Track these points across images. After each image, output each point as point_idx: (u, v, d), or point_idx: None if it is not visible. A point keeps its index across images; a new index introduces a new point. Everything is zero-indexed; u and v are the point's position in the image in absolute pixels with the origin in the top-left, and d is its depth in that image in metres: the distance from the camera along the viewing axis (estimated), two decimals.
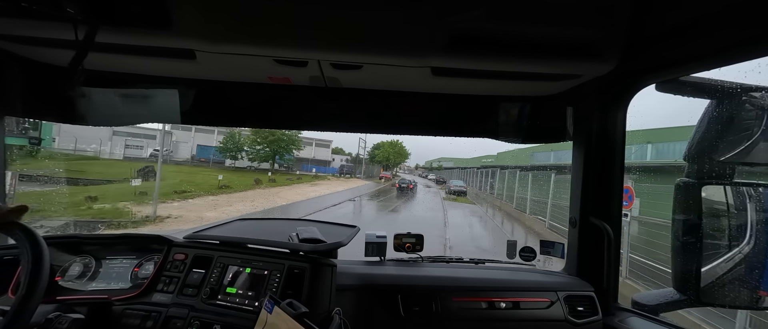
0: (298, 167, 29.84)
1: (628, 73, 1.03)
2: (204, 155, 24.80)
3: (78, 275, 1.07)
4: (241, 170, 22.34)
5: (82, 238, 1.17)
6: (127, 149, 21.42)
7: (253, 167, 23.50)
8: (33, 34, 0.89)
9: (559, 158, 16.17)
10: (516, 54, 0.93)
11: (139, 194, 9.41)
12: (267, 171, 23.11)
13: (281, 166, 26.37)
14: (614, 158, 1.18)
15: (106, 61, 1.08)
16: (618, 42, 0.90)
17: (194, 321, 0.97)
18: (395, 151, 40.07)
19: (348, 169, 32.80)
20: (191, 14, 0.80)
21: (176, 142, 25.49)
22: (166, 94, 1.32)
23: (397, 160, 41.79)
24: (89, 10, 0.74)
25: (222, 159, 24.11)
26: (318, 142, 34.42)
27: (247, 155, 23.29)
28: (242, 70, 1.15)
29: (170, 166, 19.76)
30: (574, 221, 1.28)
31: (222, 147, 22.95)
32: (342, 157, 39.57)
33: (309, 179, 22.68)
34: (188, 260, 1.11)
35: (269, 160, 23.92)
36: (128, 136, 21.27)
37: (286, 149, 23.92)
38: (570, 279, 1.29)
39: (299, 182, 20.22)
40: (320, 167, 31.41)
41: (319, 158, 33.47)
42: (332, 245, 1.12)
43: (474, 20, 0.83)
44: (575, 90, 1.20)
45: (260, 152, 23.19)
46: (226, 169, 22.11)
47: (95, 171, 14.24)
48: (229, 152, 23.16)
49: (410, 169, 71.13)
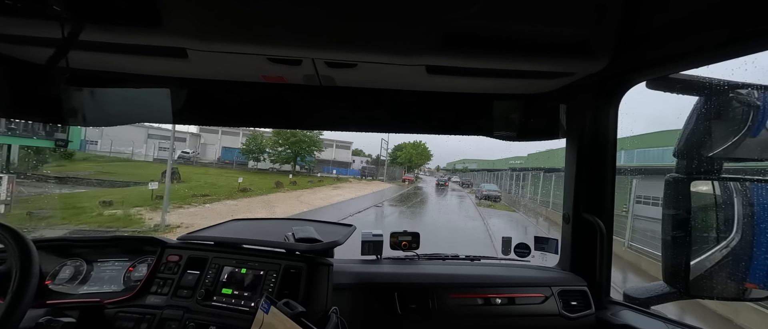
0: (319, 168, 29.92)
1: (619, 71, 1.04)
2: (228, 157, 25.04)
3: (69, 278, 1.05)
4: (263, 171, 22.22)
5: (72, 241, 1.16)
6: (159, 151, 21.97)
7: (275, 168, 23.40)
8: (17, 32, 0.88)
9: None
10: (510, 52, 0.94)
11: (157, 198, 9.04)
12: (288, 173, 22.87)
13: (302, 168, 26.13)
14: (606, 155, 1.19)
15: (95, 59, 1.06)
16: (610, 40, 0.91)
17: (189, 323, 0.96)
18: (418, 152, 38.80)
19: (369, 171, 31.95)
20: (182, 12, 0.79)
21: (204, 144, 26.05)
22: (157, 93, 1.31)
23: (420, 161, 40.48)
24: (75, 8, 0.73)
25: (245, 161, 24.23)
26: (338, 143, 34.22)
27: (269, 157, 23.19)
28: (236, 69, 1.14)
29: (195, 168, 19.88)
30: (567, 217, 1.29)
31: (245, 149, 22.96)
32: (362, 158, 38.94)
33: (330, 182, 22.11)
34: (182, 261, 1.10)
35: (291, 161, 23.66)
36: (161, 139, 21.96)
37: (307, 150, 23.51)
38: (564, 274, 1.30)
39: (321, 184, 19.59)
40: (341, 169, 31.08)
41: (339, 160, 33.31)
42: (329, 245, 1.10)
43: (468, 19, 0.83)
44: (568, 88, 1.20)
45: (282, 154, 22.96)
46: (248, 171, 22.10)
47: (125, 173, 14.38)
48: (251, 154, 23.16)
49: (431, 171, 69.94)
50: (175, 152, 22.46)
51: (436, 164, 72.82)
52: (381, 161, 34.53)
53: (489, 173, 31.37)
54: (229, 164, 23.60)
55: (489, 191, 19.01)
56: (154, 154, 21.61)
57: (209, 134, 25.83)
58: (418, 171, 46.70)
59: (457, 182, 39.66)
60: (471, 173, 46.30)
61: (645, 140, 11.18)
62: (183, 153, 23.56)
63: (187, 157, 23.36)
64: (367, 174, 30.87)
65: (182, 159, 22.60)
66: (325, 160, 31.01)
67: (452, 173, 55.92)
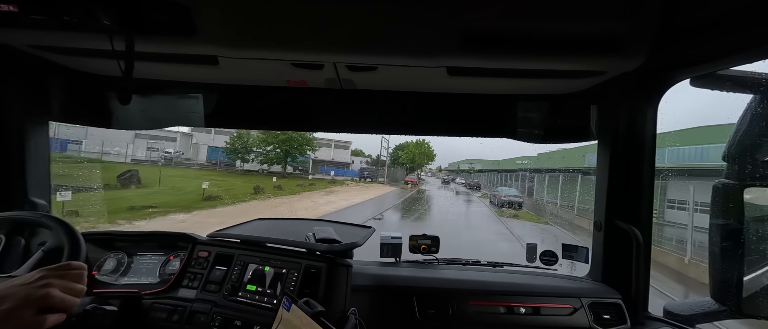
0: (316, 169, 28.77)
1: (658, 68, 0.98)
2: (214, 158, 23.10)
3: (112, 269, 1.13)
4: (251, 173, 19.87)
5: (115, 235, 1.23)
6: (147, 152, 20.68)
7: (265, 169, 21.06)
8: (73, 45, 0.96)
9: None
10: (536, 51, 0.90)
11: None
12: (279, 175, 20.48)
13: (296, 168, 23.75)
14: (644, 159, 1.11)
15: (138, 68, 1.08)
16: (647, 36, 0.85)
17: (217, 317, 1.01)
18: (421, 152, 36.36)
19: (369, 172, 29.38)
20: (214, 22, 0.83)
21: (196, 144, 24.71)
22: (190, 98, 1.36)
23: (423, 161, 38.04)
24: (122, 22, 0.78)
25: (232, 162, 21.94)
26: (337, 143, 32.91)
27: (256, 157, 20.80)
28: (262, 74, 1.18)
29: (173, 170, 17.53)
30: (598, 225, 1.23)
31: (229, 148, 20.51)
32: (362, 159, 36.63)
33: (324, 185, 19.44)
34: (211, 257, 1.14)
35: (281, 162, 21.22)
36: (150, 138, 20.81)
37: (298, 150, 21.07)
38: (595, 285, 1.23)
39: (312, 188, 16.91)
40: (339, 170, 29.57)
41: (338, 161, 32.05)
42: (348, 246, 1.11)
43: (490, 18, 0.81)
44: (599, 87, 1.15)
45: (270, 154, 20.52)
46: (234, 172, 19.86)
47: (82, 176, 11.97)
48: (237, 154, 20.77)
49: (433, 171, 67.78)
50: (155, 151, 20.40)
51: (438, 164, 70.98)
52: (382, 162, 32.33)
53: (498, 175, 28.75)
54: (215, 166, 21.75)
55: (509, 196, 15.70)
56: (142, 154, 20.19)
57: (202, 134, 24.19)
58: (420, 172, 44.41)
59: (463, 183, 36.70)
60: (477, 173, 43.92)
61: (666, 138, 9.45)
62: (165, 153, 21.33)
63: (168, 157, 21.17)
64: (366, 176, 28.41)
65: (164, 160, 20.41)
66: (322, 160, 30.12)
67: (457, 173, 53.82)
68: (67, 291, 0.61)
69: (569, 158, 18.49)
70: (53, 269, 0.63)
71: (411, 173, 37.09)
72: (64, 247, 0.78)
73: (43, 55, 1.09)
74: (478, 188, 29.19)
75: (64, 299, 0.60)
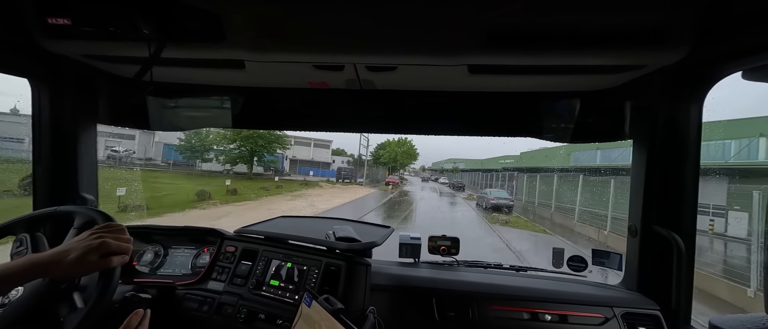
0: (294, 169, 27.77)
1: (705, 60, 0.90)
2: (170, 157, 20.45)
3: (150, 261, 1.22)
4: (215, 174, 17.39)
5: (153, 229, 1.30)
6: (105, 152, 18.09)
7: (229, 170, 18.69)
8: (116, 53, 1.02)
9: (610, 158, 13.07)
10: (564, 47, 0.84)
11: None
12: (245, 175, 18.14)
13: (267, 168, 21.41)
14: (686, 159, 1.03)
15: (170, 73, 1.20)
16: (692, 26, 0.79)
17: (242, 309, 1.06)
18: (403, 151, 34.82)
19: (346, 173, 27.35)
20: (242, 28, 0.86)
21: (159, 142, 22.53)
22: (219, 100, 1.42)
23: (406, 161, 36.51)
24: (159, 30, 0.83)
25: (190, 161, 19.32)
26: (317, 142, 32.10)
27: (216, 156, 18.32)
28: (285, 77, 1.20)
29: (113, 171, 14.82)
30: (634, 230, 1.15)
31: (183, 146, 17.84)
32: (343, 158, 34.73)
33: (295, 187, 17.32)
34: (237, 252, 1.20)
35: (246, 161, 18.82)
36: (110, 136, 19.05)
37: (265, 148, 18.75)
38: (629, 294, 1.16)
39: (278, 192, 14.56)
40: (319, 170, 28.34)
41: (318, 160, 31.17)
42: (367, 245, 1.12)
43: (517, 13, 0.77)
44: (636, 82, 1.08)
45: (233, 153, 18.09)
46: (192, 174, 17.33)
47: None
48: (194, 153, 18.15)
49: (416, 171, 66.99)
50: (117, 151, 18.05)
51: (421, 163, 70.51)
52: (362, 162, 30.60)
53: (481, 174, 27.70)
54: (170, 166, 19.27)
55: (498, 198, 13.80)
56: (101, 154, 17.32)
57: (165, 132, 20.95)
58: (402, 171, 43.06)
59: (446, 183, 35.73)
60: (460, 173, 43.24)
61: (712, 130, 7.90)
62: (112, 152, 18.41)
63: (116, 156, 18.29)
64: (343, 177, 26.34)
65: (112, 159, 17.52)
66: (302, 160, 29.28)
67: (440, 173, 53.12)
68: (119, 240, 0.70)
69: (552, 157, 17.96)
70: (98, 227, 0.72)
71: (393, 173, 35.44)
72: (96, 220, 0.80)
73: (91, 63, 1.16)
74: (462, 189, 27.98)
75: (119, 244, 0.70)
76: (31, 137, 1.17)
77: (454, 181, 32.17)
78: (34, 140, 1.17)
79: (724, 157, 8.72)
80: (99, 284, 0.70)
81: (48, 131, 1.17)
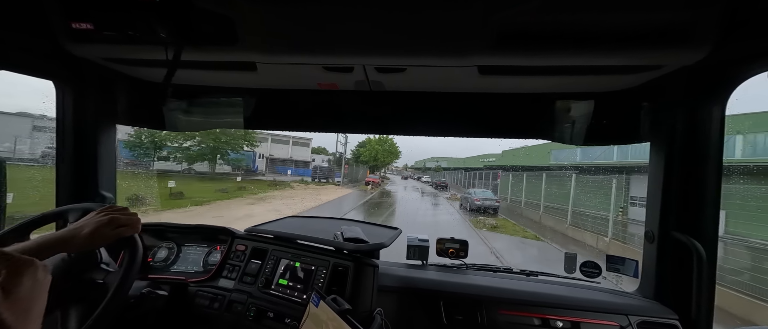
0: (272, 168, 26.31)
1: (727, 60, 0.86)
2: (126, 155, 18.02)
3: (164, 258, 1.25)
4: (174, 173, 15.28)
5: (166, 227, 1.32)
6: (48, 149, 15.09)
7: (190, 169, 16.67)
8: (135, 56, 1.05)
9: (590, 156, 12.64)
10: (579, 47, 0.80)
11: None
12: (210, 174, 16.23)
13: (236, 168, 19.50)
14: (708, 163, 0.97)
15: (185, 75, 1.22)
16: (715, 24, 0.74)
17: (252, 307, 1.07)
18: (384, 149, 33.64)
19: (323, 172, 25.57)
20: (254, 31, 0.86)
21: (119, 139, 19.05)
22: (231, 102, 1.43)
23: (387, 159, 35.35)
24: (175, 34, 0.85)
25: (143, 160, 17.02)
26: (295, 140, 30.80)
27: (171, 154, 16.24)
28: (295, 78, 1.21)
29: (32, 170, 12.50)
30: (651, 236, 1.11)
31: (132, 142, 15.54)
32: (325, 157, 33.23)
33: (262, 188, 15.56)
34: (247, 251, 1.22)
35: (209, 160, 16.83)
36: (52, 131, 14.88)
37: (229, 145, 16.85)
38: (645, 302, 1.12)
39: (239, 194, 12.47)
40: (298, 169, 26.82)
41: (297, 159, 29.82)
42: (374, 246, 1.12)
43: (529, 12, 0.74)
44: (653, 83, 1.04)
45: (191, 151, 16.04)
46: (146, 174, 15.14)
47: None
48: (144, 150, 15.85)
49: (399, 170, 66.89)
50: None
51: (403, 162, 70.75)
52: (346, 160, 29.38)
53: (464, 173, 27.12)
54: (119, 166, 16.53)
55: (483, 199, 12.63)
56: None
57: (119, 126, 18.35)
58: (385, 170, 42.19)
59: (428, 182, 34.80)
60: (443, 171, 43.10)
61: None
62: (47, 149, 15.72)
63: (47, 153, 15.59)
64: (319, 177, 24.52)
65: (46, 157, 14.86)
66: (280, 159, 27.96)
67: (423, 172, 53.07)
68: (127, 215, 0.77)
69: (533, 155, 17.55)
70: (103, 208, 0.78)
71: (374, 172, 34.20)
72: None
73: (111, 66, 1.19)
74: (445, 188, 27.12)
75: (129, 218, 0.78)
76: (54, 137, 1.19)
77: (437, 180, 31.27)
78: (57, 140, 1.21)
79: None
80: (127, 251, 0.78)
81: (71, 131, 1.20)
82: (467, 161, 32.92)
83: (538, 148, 16.86)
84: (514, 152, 19.86)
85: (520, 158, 18.80)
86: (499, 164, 21.50)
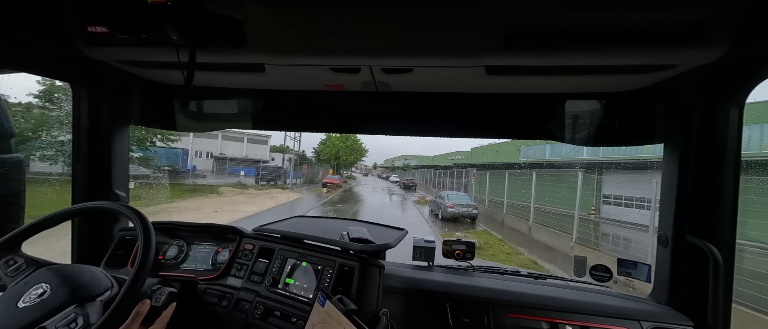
0: (222, 169, 24.51)
1: (746, 59, 0.85)
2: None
3: (174, 256, 1.26)
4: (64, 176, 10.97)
5: (177, 225, 1.34)
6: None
7: None
8: (148, 58, 1.06)
9: (560, 153, 12.21)
10: (589, 46, 0.79)
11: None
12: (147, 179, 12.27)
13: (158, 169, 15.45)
14: (724, 165, 0.95)
15: (195, 77, 1.21)
16: (732, 21, 0.73)
17: (259, 306, 1.07)
18: (346, 146, 30.80)
19: (269, 173, 21.92)
20: (262, 33, 0.87)
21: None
22: (240, 103, 1.48)
23: (350, 158, 32.53)
24: (187, 36, 0.87)
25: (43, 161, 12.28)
26: (251, 138, 29.48)
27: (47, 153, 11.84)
28: (302, 80, 1.21)
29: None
30: (664, 239, 1.09)
31: None
32: (287, 156, 29.39)
33: (177, 194, 11.86)
34: (255, 250, 1.22)
35: None
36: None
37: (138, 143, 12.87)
38: (659, 307, 1.10)
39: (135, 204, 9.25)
40: (250, 169, 24.00)
41: (252, 158, 27.57)
42: (380, 247, 1.12)
43: (540, 11, 0.73)
44: (667, 83, 1.02)
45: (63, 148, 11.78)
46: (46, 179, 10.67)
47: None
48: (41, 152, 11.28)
49: (368, 169, 64.73)
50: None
51: (373, 161, 68.97)
52: (306, 158, 26.61)
53: (433, 171, 25.21)
54: None
55: (459, 205, 10.60)
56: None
57: None
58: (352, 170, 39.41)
59: (396, 181, 33.47)
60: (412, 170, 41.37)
61: None
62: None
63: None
64: (263, 178, 20.88)
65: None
66: (233, 158, 26.28)
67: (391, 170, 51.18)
68: None
69: (502, 153, 16.93)
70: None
71: (338, 171, 31.05)
72: (139, 231, 0.85)
73: (125, 68, 1.20)
74: (413, 189, 24.88)
75: None
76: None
77: (405, 180, 29.22)
78: (73, 140, 1.25)
79: (655, 151, 6.72)
80: (141, 248, 0.81)
81: (86, 131, 1.25)
82: (436, 160, 31.92)
83: (508, 145, 16.51)
84: (484, 150, 19.45)
85: (489, 155, 18.37)
86: (468, 162, 20.84)
